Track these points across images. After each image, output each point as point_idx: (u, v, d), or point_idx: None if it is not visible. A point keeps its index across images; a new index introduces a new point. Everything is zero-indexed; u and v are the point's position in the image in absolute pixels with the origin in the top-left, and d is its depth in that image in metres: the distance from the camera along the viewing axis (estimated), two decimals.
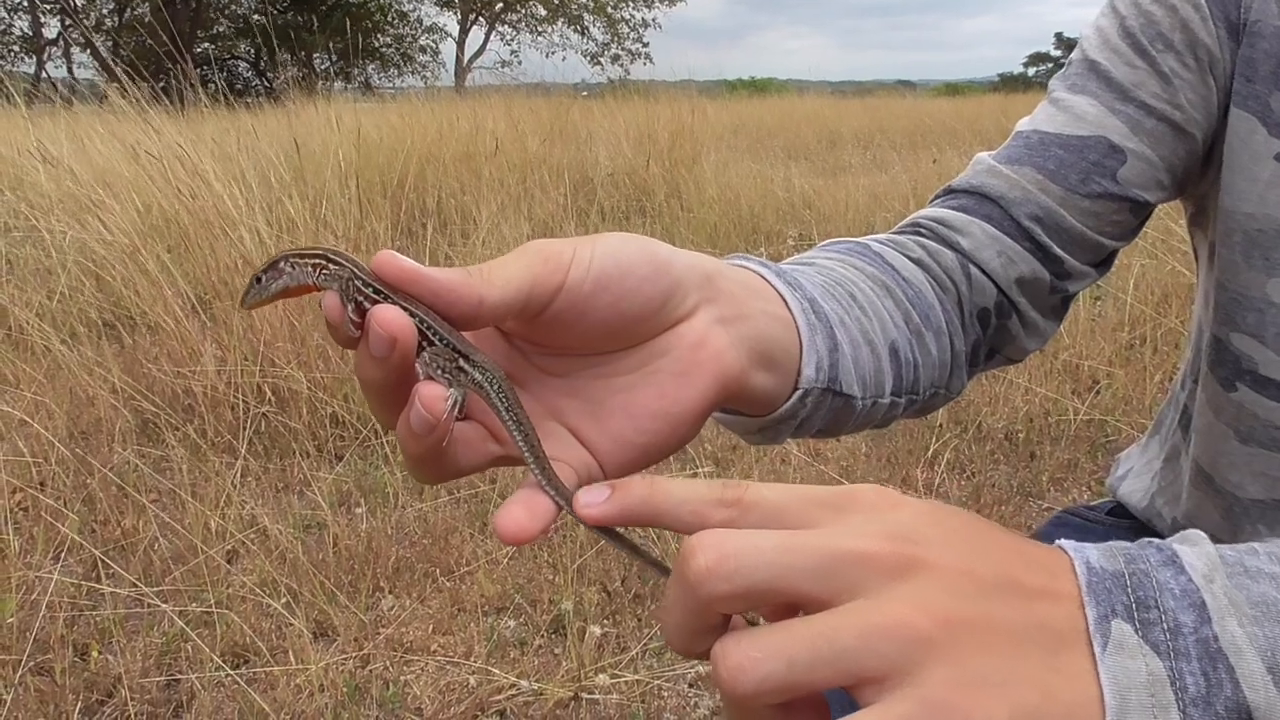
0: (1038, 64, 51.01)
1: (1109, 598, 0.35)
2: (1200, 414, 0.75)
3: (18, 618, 2.00)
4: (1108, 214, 0.68)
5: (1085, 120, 0.68)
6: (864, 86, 30.55)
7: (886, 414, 0.61)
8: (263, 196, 3.89)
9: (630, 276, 0.43)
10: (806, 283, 0.55)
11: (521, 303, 0.41)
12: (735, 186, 6.48)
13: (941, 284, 0.66)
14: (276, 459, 2.80)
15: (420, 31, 29.31)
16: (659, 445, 0.46)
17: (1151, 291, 3.72)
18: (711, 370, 0.46)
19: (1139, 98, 0.66)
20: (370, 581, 2.20)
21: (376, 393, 0.41)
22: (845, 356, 0.54)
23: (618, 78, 23.25)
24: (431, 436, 0.40)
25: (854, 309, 0.58)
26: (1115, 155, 0.67)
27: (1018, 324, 0.70)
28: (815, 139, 11.66)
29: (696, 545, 0.34)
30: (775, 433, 0.55)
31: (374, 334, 0.39)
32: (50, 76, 19.42)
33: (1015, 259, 0.67)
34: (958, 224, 0.68)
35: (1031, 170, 0.68)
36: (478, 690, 1.84)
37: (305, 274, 0.42)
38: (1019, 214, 0.67)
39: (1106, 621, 0.34)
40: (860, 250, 0.65)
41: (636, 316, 0.44)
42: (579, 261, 0.42)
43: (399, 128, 6.01)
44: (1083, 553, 0.36)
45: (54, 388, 3.06)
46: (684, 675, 1.89)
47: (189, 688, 1.87)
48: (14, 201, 4.56)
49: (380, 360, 0.39)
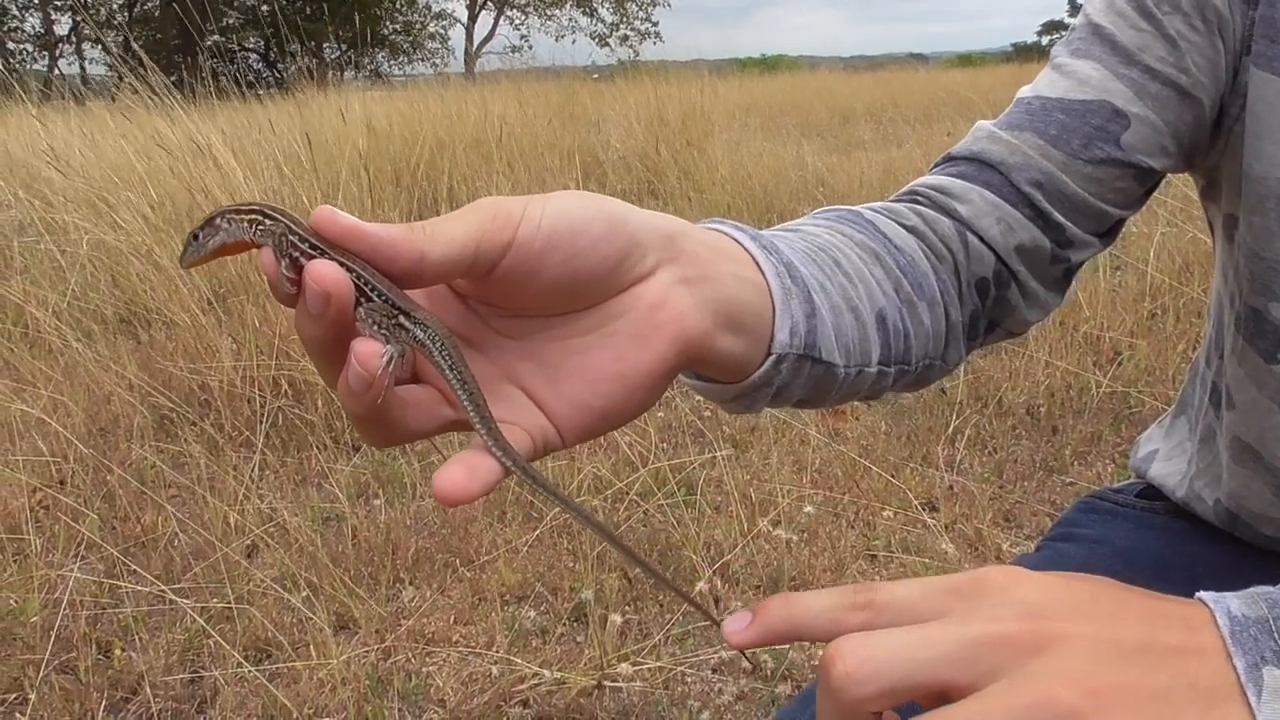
0: (1052, 32, 50.49)
1: (1256, 645, 0.34)
2: (1239, 389, 0.72)
3: (41, 617, 2.01)
4: (1110, 180, 0.66)
5: (1088, 85, 0.66)
6: (876, 60, 30.32)
7: (875, 384, 0.59)
8: (277, 188, 3.89)
9: (583, 235, 0.42)
10: (785, 247, 0.54)
11: (469, 260, 0.40)
12: (748, 166, 6.43)
13: (937, 253, 0.65)
14: (294, 452, 2.80)
15: (429, 18, 29.28)
16: (616, 409, 0.45)
17: (1172, 260, 3.66)
18: (671, 332, 0.45)
19: (1144, 61, 0.64)
20: (390, 573, 2.19)
21: (318, 351, 0.41)
22: (825, 323, 0.53)
23: (628, 59, 23.15)
24: (368, 394, 0.39)
25: (837, 275, 0.56)
26: (1118, 120, 0.65)
27: (1017, 294, 0.68)
28: (827, 115, 11.57)
29: (835, 653, 0.35)
30: (751, 400, 0.53)
31: (309, 289, 0.38)
32: (62, 73, 19.51)
33: (1015, 226, 0.66)
34: (956, 191, 0.67)
35: (1032, 135, 0.66)
36: (500, 680, 1.83)
37: (241, 230, 0.42)
38: (1019, 180, 0.66)
39: (1258, 669, 0.34)
40: (852, 218, 0.64)
41: (590, 276, 0.43)
42: (529, 219, 0.41)
43: (409, 115, 6.00)
44: (1223, 603, 0.36)
45: (71, 386, 3.07)
46: (707, 661, 1.87)
47: (212, 684, 1.87)
48: (28, 200, 4.57)
49: (317, 317, 0.39)
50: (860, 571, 2.18)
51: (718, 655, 1.89)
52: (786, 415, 2.92)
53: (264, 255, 0.40)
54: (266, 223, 0.41)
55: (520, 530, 2.33)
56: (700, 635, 1.96)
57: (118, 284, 3.73)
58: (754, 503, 2.39)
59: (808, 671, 1.84)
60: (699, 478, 2.53)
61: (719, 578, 2.12)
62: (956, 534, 2.30)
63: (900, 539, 2.27)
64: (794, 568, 2.15)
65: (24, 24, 25.45)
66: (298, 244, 0.40)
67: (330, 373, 0.41)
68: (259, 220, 0.41)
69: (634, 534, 2.28)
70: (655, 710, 1.76)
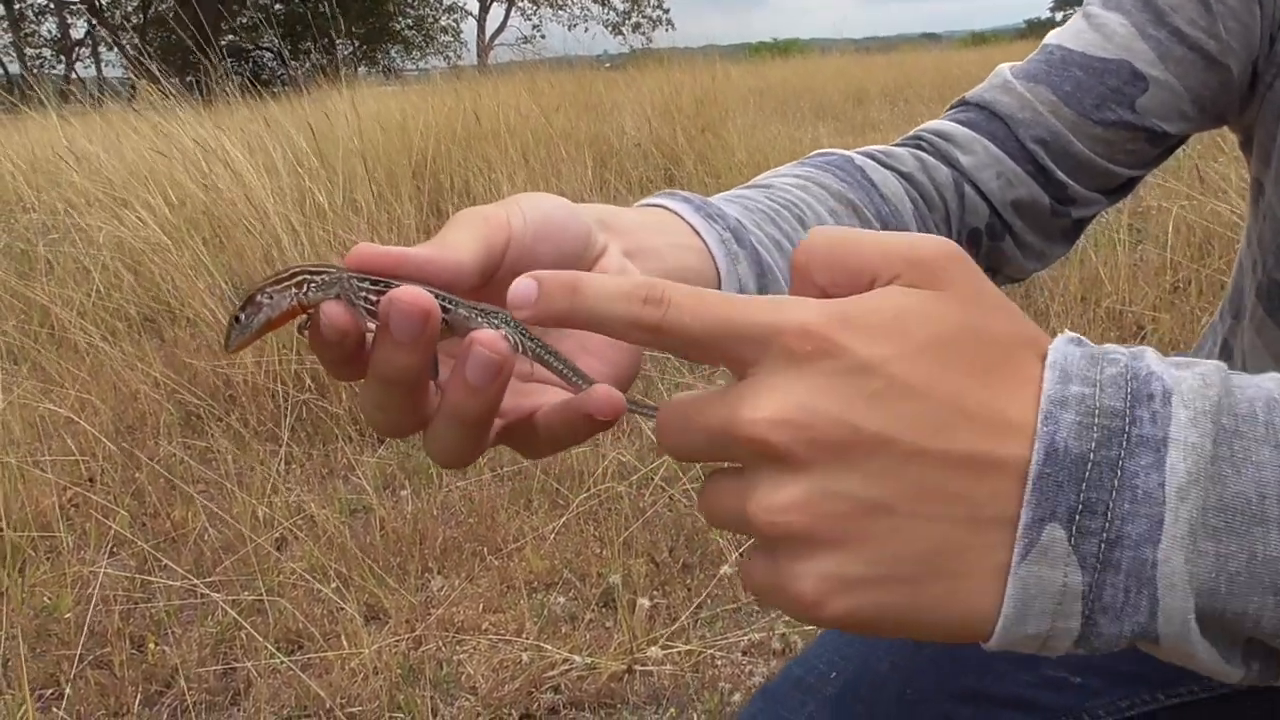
0: (1065, 7, 50.00)
1: (1054, 497, 0.31)
2: (1255, 358, 0.72)
3: (74, 613, 2.03)
4: (1121, 142, 0.65)
5: (1112, 41, 0.65)
6: (888, 42, 30.08)
7: None
8: (294, 185, 3.90)
9: (555, 220, 0.45)
10: (733, 211, 0.56)
11: (484, 259, 0.42)
12: (764, 150, 6.40)
13: (929, 200, 0.65)
14: (319, 445, 2.82)
15: (441, 11, 29.27)
16: (625, 369, 0.48)
17: (1194, 233, 3.62)
18: None
19: (1173, 23, 0.63)
20: (419, 563, 2.20)
21: (402, 386, 0.40)
22: (779, 282, 0.55)
23: (640, 46, 23.09)
24: (497, 381, 0.38)
25: (799, 233, 0.58)
26: (1136, 82, 0.64)
27: (1012, 246, 0.68)
28: (842, 97, 11.50)
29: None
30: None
31: (401, 315, 0.37)
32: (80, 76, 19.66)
33: (1014, 181, 0.66)
34: (962, 140, 0.67)
35: (1046, 90, 0.66)
36: (530, 667, 1.84)
37: (288, 298, 0.40)
38: (1024, 135, 0.66)
39: (1040, 526, 0.31)
40: (840, 164, 0.64)
41: (572, 255, 0.46)
42: (514, 215, 0.44)
43: (422, 108, 6.00)
44: (1053, 423, 0.31)
45: (98, 384, 3.10)
46: (737, 644, 1.87)
47: (245, 675, 1.89)
48: (51, 201, 4.61)
49: (409, 343, 0.38)
50: None
51: (747, 638, 1.88)
52: None
53: (330, 309, 0.39)
54: (319, 279, 0.40)
55: (547, 517, 2.34)
56: (729, 618, 1.96)
57: (140, 283, 3.76)
58: None
59: None
60: None
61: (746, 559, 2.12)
62: None
63: None
64: None
65: (40, 28, 25.66)
66: (361, 285, 0.39)
67: (408, 409, 0.41)
68: (306, 280, 0.40)
69: (660, 519, 2.28)
70: (686, 693, 1.77)
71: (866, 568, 0.32)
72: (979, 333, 0.33)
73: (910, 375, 0.32)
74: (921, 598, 0.32)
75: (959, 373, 0.32)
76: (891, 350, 0.32)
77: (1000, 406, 0.32)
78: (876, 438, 0.31)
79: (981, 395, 0.32)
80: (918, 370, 0.32)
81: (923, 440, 0.31)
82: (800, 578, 0.32)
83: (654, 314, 0.35)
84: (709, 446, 0.35)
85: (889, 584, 0.32)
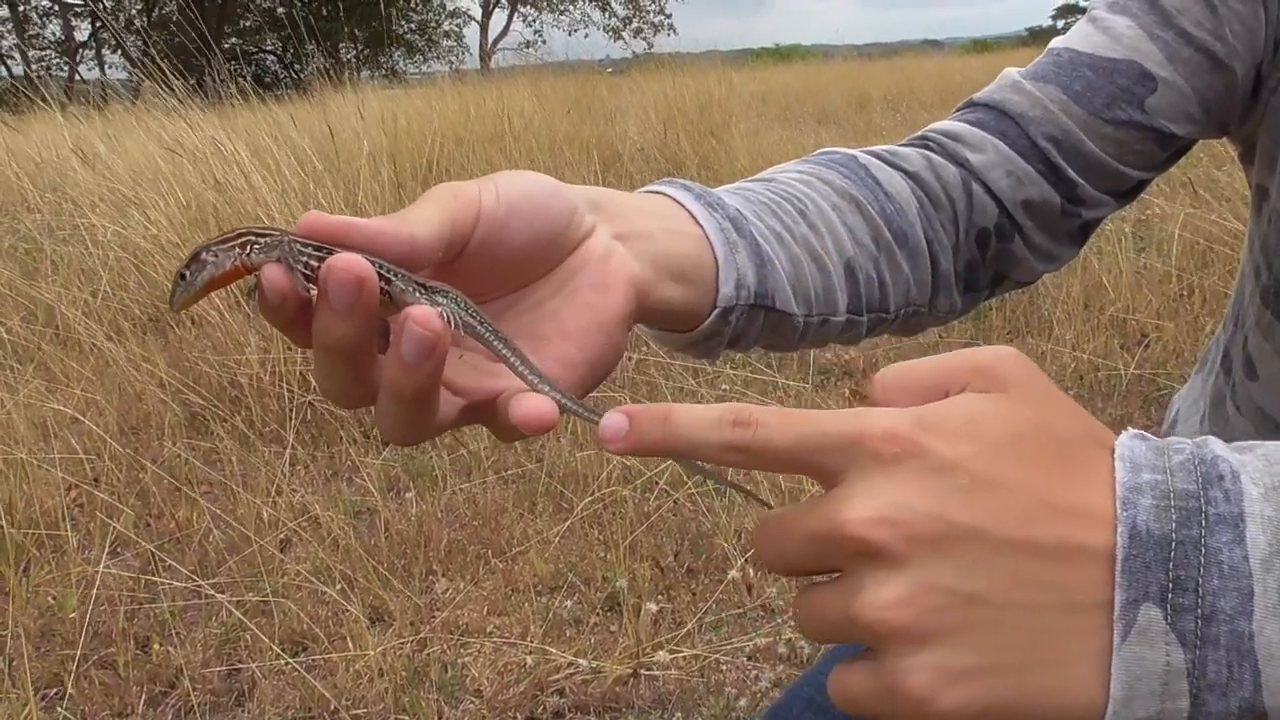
0: (1067, 16, 50.03)
1: (1145, 577, 0.32)
2: (1264, 362, 0.71)
3: (79, 612, 2.03)
4: (1131, 142, 0.65)
5: (1120, 43, 0.65)
6: (890, 48, 30.10)
7: (847, 331, 0.61)
8: (298, 187, 3.91)
9: (534, 197, 0.45)
10: (737, 202, 0.56)
11: (448, 235, 0.42)
12: (767, 155, 6.40)
13: (935, 200, 0.65)
14: (324, 446, 2.82)
15: (444, 16, 29.31)
16: (600, 357, 0.47)
17: (1197, 241, 3.62)
18: (623, 277, 0.47)
19: (1180, 25, 0.63)
20: (423, 565, 2.20)
21: (342, 355, 0.40)
22: (779, 273, 0.55)
23: (642, 51, 23.12)
24: (431, 359, 0.38)
25: (800, 226, 0.58)
26: (1145, 83, 0.64)
27: (1022, 246, 0.67)
28: (844, 103, 11.52)
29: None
30: (706, 348, 0.55)
31: (337, 282, 0.37)
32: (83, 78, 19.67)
33: (1025, 180, 0.65)
34: (971, 139, 0.66)
35: (1056, 89, 0.65)
36: (535, 670, 1.84)
37: (231, 257, 0.40)
38: (1035, 134, 0.65)
39: (1135, 606, 0.32)
40: (844, 163, 0.64)
41: (549, 236, 0.45)
42: (487, 191, 0.43)
43: (426, 112, 6.00)
44: (1132, 508, 0.33)
45: (103, 384, 3.10)
46: (742, 649, 1.87)
47: (250, 676, 1.89)
48: (57, 201, 4.61)
49: (345, 310, 0.38)
50: None
51: (753, 643, 1.88)
52: (815, 400, 2.91)
53: (270, 271, 0.39)
54: (262, 240, 0.40)
55: (551, 521, 2.34)
56: (734, 623, 1.96)
57: (145, 283, 3.76)
58: (784, 490, 2.39)
59: None
60: (729, 466, 2.53)
61: (751, 566, 2.12)
62: None
63: None
64: None
65: (45, 30, 25.70)
66: (303, 250, 0.39)
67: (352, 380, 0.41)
68: (250, 241, 0.40)
69: (665, 523, 2.29)
70: (692, 698, 1.77)
71: (972, 658, 0.33)
72: (1050, 429, 0.35)
73: (993, 470, 0.33)
74: (1028, 687, 0.33)
75: (1037, 467, 0.34)
76: (972, 448, 0.33)
77: (1078, 497, 0.34)
78: (969, 530, 0.33)
79: (1060, 487, 0.34)
80: (999, 465, 0.33)
81: (1011, 530, 0.33)
82: (909, 673, 0.33)
83: (744, 435, 0.36)
84: (809, 553, 0.35)
85: (995, 674, 0.33)
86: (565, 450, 2.59)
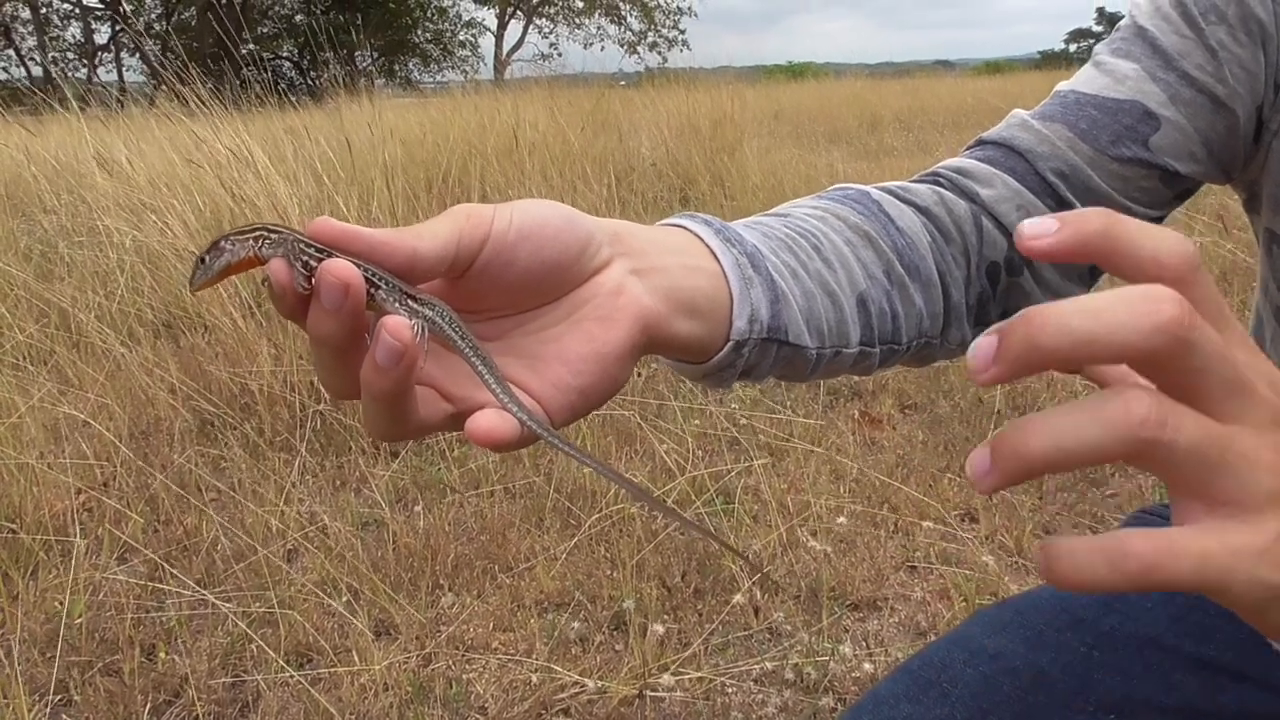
0: (1079, 40, 50.09)
1: None
2: None
3: (85, 618, 2.03)
4: (1136, 179, 0.67)
5: (1124, 84, 0.67)
6: (902, 68, 30.18)
7: (859, 362, 0.62)
8: (313, 194, 3.92)
9: (547, 226, 0.46)
10: (752, 238, 0.57)
11: (452, 252, 0.44)
12: (778, 173, 6.42)
13: (946, 234, 0.66)
14: (333, 456, 2.82)
15: (459, 26, 29.48)
16: (595, 386, 0.48)
17: (1211, 268, 3.62)
18: (631, 313, 0.48)
19: (1182, 67, 0.65)
20: (430, 579, 2.20)
21: (331, 349, 0.43)
22: (793, 307, 0.56)
23: (655, 65, 23.21)
24: (399, 367, 0.41)
25: (815, 261, 0.59)
26: (1149, 121, 0.66)
27: (1031, 281, 0.69)
28: (856, 122, 11.54)
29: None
30: (719, 379, 0.56)
31: (326, 284, 0.41)
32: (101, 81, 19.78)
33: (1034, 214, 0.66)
34: (980, 175, 0.68)
35: (1063, 127, 0.67)
36: (541, 688, 1.83)
37: (246, 248, 0.45)
38: (1044, 169, 0.67)
39: None
40: (857, 198, 0.65)
41: (558, 264, 0.47)
42: (500, 215, 0.45)
43: (441, 123, 6.03)
44: None
45: (114, 389, 3.11)
46: (749, 672, 1.86)
47: (254, 688, 1.88)
48: (73, 203, 4.64)
49: (333, 311, 0.41)
50: (900, 583, 2.17)
51: (760, 666, 1.88)
52: (822, 423, 2.91)
53: (274, 265, 0.43)
54: (273, 237, 0.44)
55: (558, 537, 2.34)
56: (741, 645, 1.96)
57: (159, 288, 3.77)
58: (792, 512, 2.38)
59: (849, 684, 1.83)
60: (736, 486, 2.52)
61: (758, 588, 2.11)
62: (997, 545, 2.28)
63: (940, 550, 2.25)
64: (833, 577, 2.14)
65: (65, 33, 25.88)
66: (306, 249, 0.43)
67: (340, 372, 0.44)
68: (264, 236, 0.44)
69: (672, 541, 2.28)
70: None
71: None
72: None
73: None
74: None
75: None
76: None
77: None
78: None
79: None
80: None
81: None
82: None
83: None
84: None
85: None
86: (574, 466, 2.59)
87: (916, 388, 3.19)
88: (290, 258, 0.43)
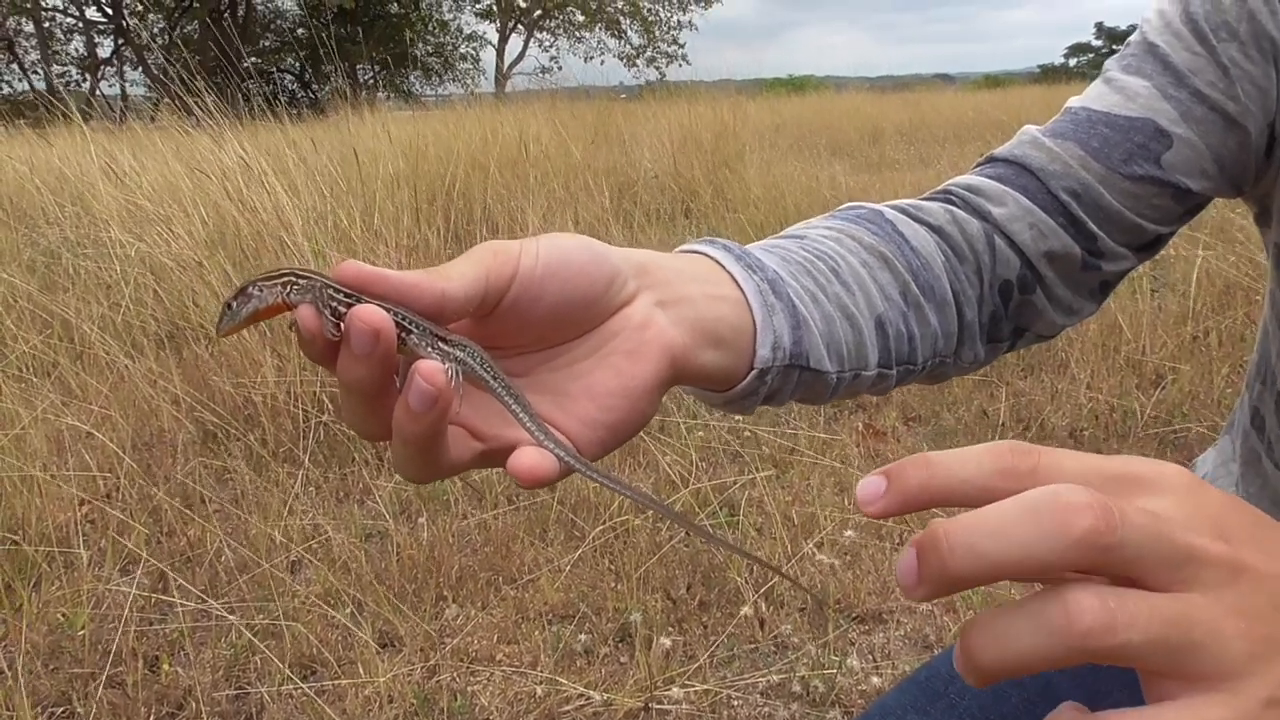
0: (1078, 54, 50.17)
1: None
2: None
3: (89, 630, 2.03)
4: (1148, 197, 0.66)
5: (1136, 102, 0.66)
6: (902, 81, 30.24)
7: (877, 383, 0.62)
8: (317, 207, 3.93)
9: (574, 262, 0.46)
10: (772, 263, 0.57)
11: (481, 292, 0.44)
12: (780, 185, 6.43)
13: (959, 253, 0.66)
14: (336, 468, 2.81)
15: (461, 40, 29.57)
16: (624, 421, 0.48)
17: (1213, 283, 3.62)
18: (658, 346, 0.48)
19: (1193, 85, 0.65)
20: (434, 590, 2.19)
21: (361, 395, 0.43)
22: (814, 333, 0.56)
23: (655, 79, 23.29)
24: (434, 411, 0.40)
25: (834, 285, 0.59)
26: (1161, 139, 0.65)
27: (1043, 299, 0.69)
28: (857, 135, 11.55)
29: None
30: (742, 405, 0.56)
31: (356, 331, 0.40)
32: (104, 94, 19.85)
33: (1047, 233, 0.67)
34: (992, 193, 0.68)
35: (1075, 145, 0.67)
36: (546, 701, 1.83)
37: (274, 294, 0.44)
38: (1056, 187, 0.67)
39: None
40: (871, 218, 0.65)
41: (585, 299, 0.47)
42: (527, 252, 0.45)
43: (444, 136, 6.04)
44: None
45: (118, 400, 3.10)
46: (755, 685, 1.86)
47: (258, 699, 1.88)
48: (77, 214, 4.65)
49: (364, 357, 0.41)
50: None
51: (766, 679, 1.87)
52: (826, 435, 2.90)
53: (303, 312, 0.42)
54: (301, 282, 0.43)
55: (562, 549, 2.33)
56: (747, 658, 1.95)
57: (163, 299, 3.77)
58: (796, 524, 2.38)
59: (856, 697, 1.82)
60: (740, 498, 2.52)
61: (763, 600, 2.10)
62: None
63: None
64: (839, 590, 2.13)
65: (68, 46, 25.97)
66: (334, 295, 0.42)
67: (372, 417, 0.44)
68: (291, 281, 0.44)
69: (676, 553, 2.27)
70: None
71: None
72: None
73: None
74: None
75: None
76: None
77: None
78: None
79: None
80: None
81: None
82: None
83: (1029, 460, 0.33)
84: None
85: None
86: (577, 479, 2.58)
87: (920, 400, 3.19)
88: (319, 303, 0.43)
